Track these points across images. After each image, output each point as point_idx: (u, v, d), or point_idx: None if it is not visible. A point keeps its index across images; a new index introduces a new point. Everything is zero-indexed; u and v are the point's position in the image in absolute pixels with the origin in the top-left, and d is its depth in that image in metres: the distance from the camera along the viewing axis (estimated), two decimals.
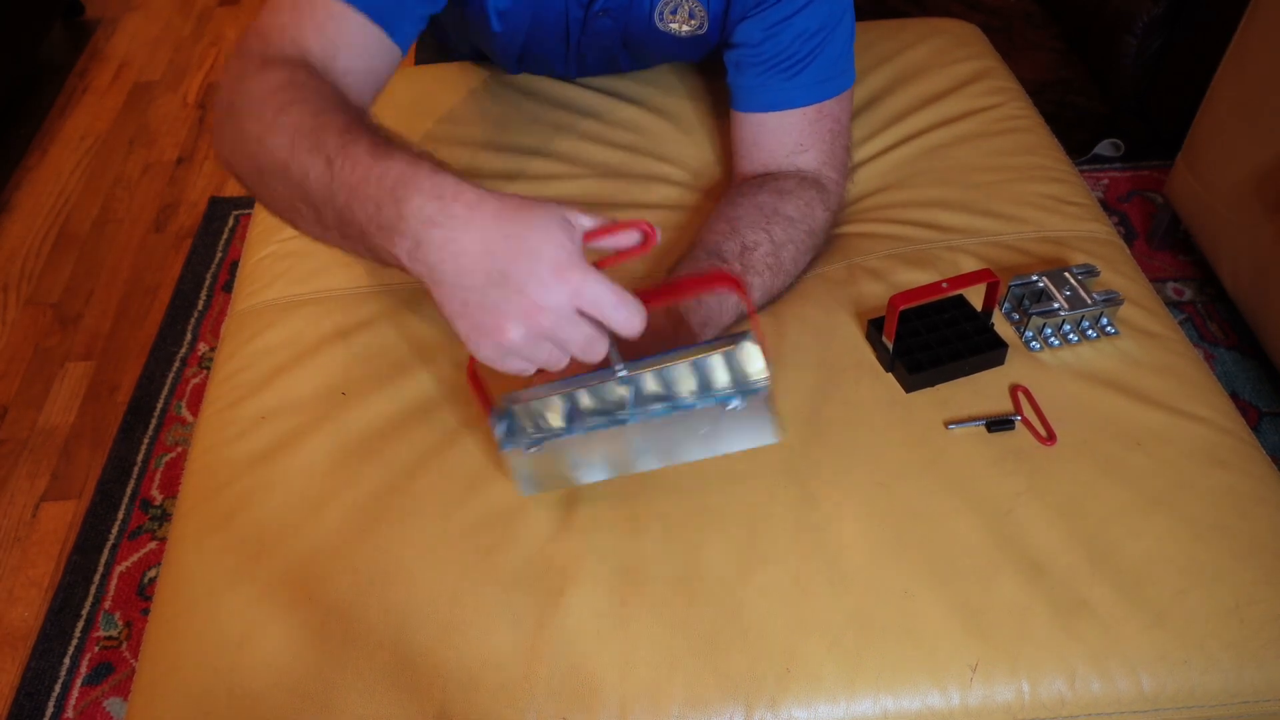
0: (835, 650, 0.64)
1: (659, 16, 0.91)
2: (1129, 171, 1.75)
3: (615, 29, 0.94)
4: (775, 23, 0.85)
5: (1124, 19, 1.63)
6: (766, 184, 0.87)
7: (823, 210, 0.87)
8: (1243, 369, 1.43)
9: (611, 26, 0.93)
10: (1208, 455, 0.73)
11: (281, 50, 0.71)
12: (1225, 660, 0.64)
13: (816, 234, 0.87)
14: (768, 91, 0.88)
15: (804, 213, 0.85)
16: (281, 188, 0.64)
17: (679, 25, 0.91)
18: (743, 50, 0.88)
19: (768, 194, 0.85)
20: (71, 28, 2.30)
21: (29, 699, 1.16)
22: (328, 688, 0.64)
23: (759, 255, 0.81)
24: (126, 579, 1.26)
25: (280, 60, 0.69)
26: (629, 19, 0.92)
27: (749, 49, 0.88)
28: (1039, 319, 0.80)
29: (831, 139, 0.89)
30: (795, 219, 0.84)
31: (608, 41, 0.97)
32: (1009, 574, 0.67)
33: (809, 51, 0.86)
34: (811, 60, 0.86)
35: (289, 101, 0.65)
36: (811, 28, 0.85)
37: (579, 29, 0.93)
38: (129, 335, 1.59)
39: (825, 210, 0.88)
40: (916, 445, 0.74)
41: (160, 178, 1.89)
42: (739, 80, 0.89)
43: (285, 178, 0.63)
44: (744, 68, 0.89)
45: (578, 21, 0.92)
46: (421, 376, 0.80)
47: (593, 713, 0.63)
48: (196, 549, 0.71)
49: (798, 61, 0.86)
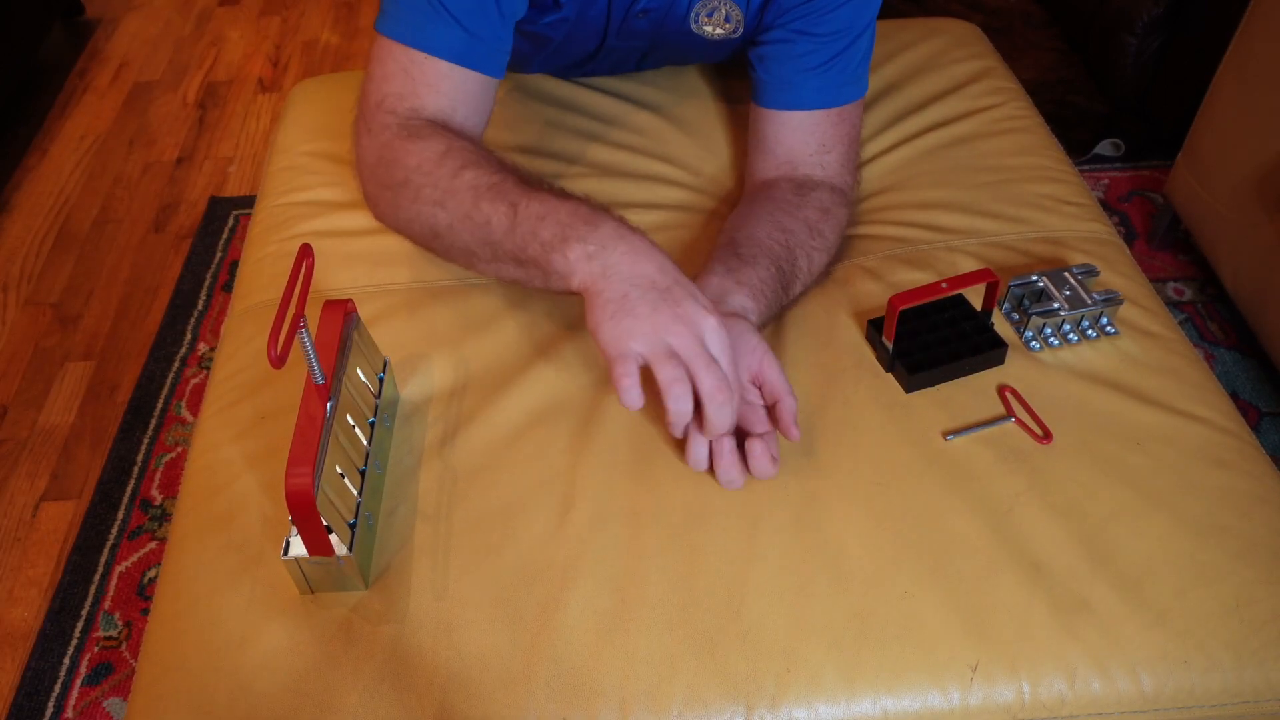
0: (835, 650, 0.64)
1: (694, 20, 0.91)
2: (1129, 171, 1.75)
3: (649, 30, 0.94)
4: (811, 17, 0.86)
5: (1124, 19, 1.63)
6: (809, 199, 0.87)
7: (845, 216, 0.89)
8: (1243, 369, 1.43)
9: (646, 28, 0.93)
10: (1208, 455, 0.73)
11: (409, 119, 0.80)
12: (1225, 660, 0.64)
13: (837, 240, 0.88)
14: (796, 89, 0.88)
15: (829, 223, 0.86)
16: (462, 237, 0.74)
17: (713, 28, 0.91)
18: (774, 46, 0.88)
19: (813, 210, 0.86)
20: (71, 28, 2.30)
21: (29, 699, 1.16)
22: (328, 688, 0.64)
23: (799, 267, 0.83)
24: (126, 579, 1.26)
25: (422, 129, 0.78)
26: (665, 20, 0.92)
27: (779, 45, 0.88)
28: (1039, 319, 0.80)
29: (849, 143, 0.90)
30: (823, 231, 0.86)
31: (638, 43, 0.97)
32: (1009, 574, 0.67)
33: (838, 51, 0.86)
34: (837, 61, 0.87)
35: (460, 166, 0.75)
36: (841, 29, 0.86)
37: (616, 30, 0.93)
38: (129, 335, 1.59)
39: (846, 215, 0.89)
40: (916, 445, 0.74)
41: (160, 178, 1.89)
42: (766, 75, 0.89)
43: (467, 227, 0.73)
44: (772, 63, 0.88)
45: (616, 22, 0.92)
46: (421, 375, 0.80)
47: (593, 713, 0.63)
48: (196, 549, 0.71)
49: (826, 60, 0.86)
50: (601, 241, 0.67)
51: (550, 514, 0.71)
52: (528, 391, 0.78)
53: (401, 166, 0.77)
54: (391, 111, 0.80)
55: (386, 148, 0.79)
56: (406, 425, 0.77)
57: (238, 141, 1.98)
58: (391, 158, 0.78)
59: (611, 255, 0.67)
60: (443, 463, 0.74)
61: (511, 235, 0.71)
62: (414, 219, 0.78)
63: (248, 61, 2.21)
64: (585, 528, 0.70)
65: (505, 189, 0.72)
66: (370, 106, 0.81)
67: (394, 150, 0.78)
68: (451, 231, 0.75)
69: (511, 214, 0.71)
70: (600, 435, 0.75)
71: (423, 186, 0.76)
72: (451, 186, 0.74)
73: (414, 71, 0.80)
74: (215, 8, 2.38)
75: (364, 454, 0.71)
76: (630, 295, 0.65)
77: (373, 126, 0.81)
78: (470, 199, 0.73)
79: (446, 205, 0.74)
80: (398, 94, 0.80)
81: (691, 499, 0.71)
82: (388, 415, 0.76)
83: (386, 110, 0.80)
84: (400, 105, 0.80)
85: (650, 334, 0.65)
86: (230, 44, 2.26)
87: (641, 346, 0.65)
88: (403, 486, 0.73)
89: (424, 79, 0.80)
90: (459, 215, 0.74)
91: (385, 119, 0.80)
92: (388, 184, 0.79)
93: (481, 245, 0.73)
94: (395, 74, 0.80)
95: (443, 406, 0.78)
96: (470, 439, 0.76)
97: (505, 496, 0.72)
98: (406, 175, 0.77)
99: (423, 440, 0.76)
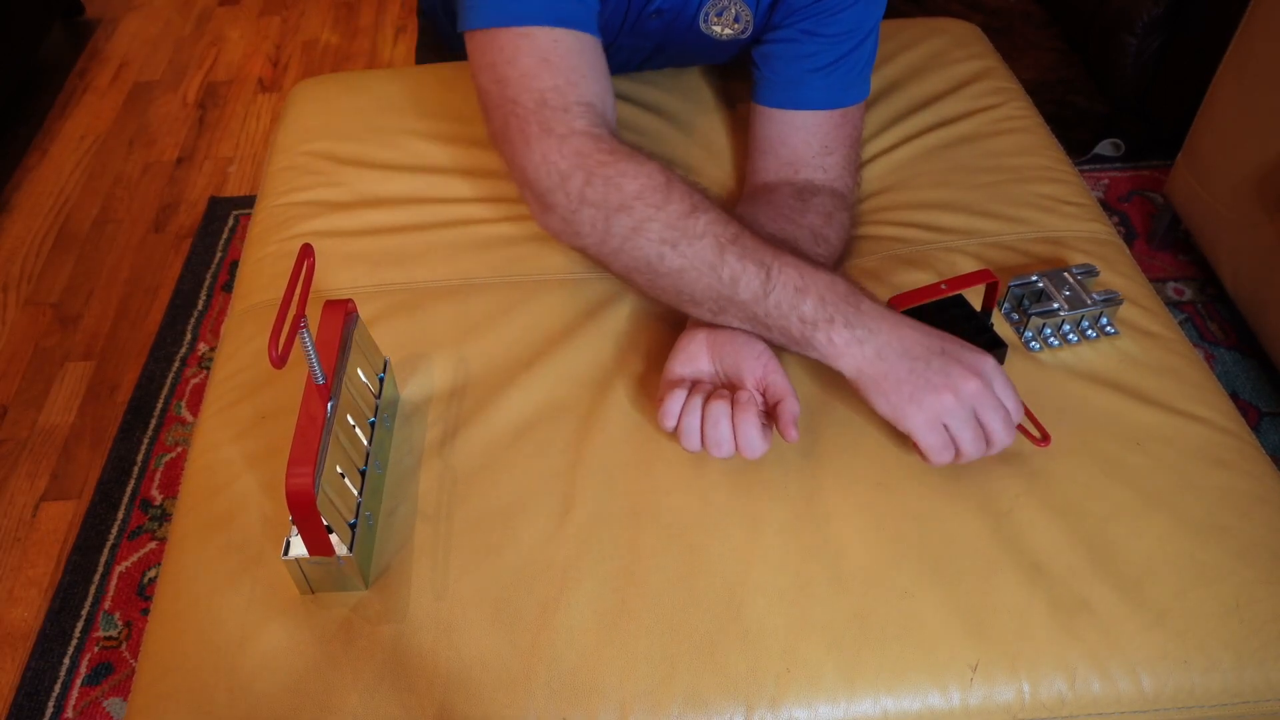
0: (835, 650, 0.64)
1: (703, 19, 0.91)
2: (1129, 171, 1.75)
3: (659, 30, 0.93)
4: (816, 20, 0.85)
5: (1124, 19, 1.63)
6: (811, 204, 0.86)
7: (847, 220, 0.89)
8: (1243, 369, 1.43)
9: (658, 27, 0.93)
10: (1208, 455, 0.73)
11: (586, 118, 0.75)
12: (1225, 660, 0.64)
13: (840, 246, 0.87)
14: (801, 88, 0.87)
15: (840, 237, 0.86)
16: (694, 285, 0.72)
17: (722, 28, 0.91)
18: (779, 45, 0.88)
19: (816, 216, 0.85)
20: (71, 28, 2.30)
21: (29, 699, 1.16)
22: (328, 688, 0.64)
23: None
24: (126, 579, 1.26)
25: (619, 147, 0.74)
26: (676, 20, 0.91)
27: (786, 45, 0.87)
28: (1039, 319, 0.80)
29: (851, 145, 0.90)
30: (834, 245, 0.85)
31: (646, 42, 0.96)
32: (1009, 574, 0.67)
33: (842, 54, 0.86)
34: (842, 63, 0.87)
35: (693, 208, 0.72)
36: (848, 30, 0.86)
37: (629, 28, 0.92)
38: (129, 335, 1.59)
39: (848, 220, 0.89)
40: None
41: (160, 178, 1.89)
42: (770, 74, 0.89)
43: (705, 278, 0.71)
44: (778, 61, 0.88)
45: (631, 21, 0.91)
46: (420, 375, 0.80)
47: (593, 713, 0.63)
48: (196, 549, 0.71)
49: (830, 62, 0.86)
50: (868, 325, 0.68)
51: (550, 514, 0.71)
52: (528, 391, 0.78)
53: (618, 189, 0.72)
54: (566, 110, 0.74)
55: (589, 159, 0.73)
56: (406, 425, 0.77)
57: (238, 141, 1.98)
58: (602, 175, 0.73)
59: (880, 337, 0.68)
60: (443, 463, 0.74)
61: (762, 301, 0.70)
62: (631, 250, 0.73)
63: (248, 61, 2.21)
64: (585, 528, 0.70)
65: (749, 246, 0.71)
66: (531, 109, 0.75)
67: (604, 166, 0.73)
68: (681, 276, 0.72)
69: (764, 278, 0.70)
70: (600, 435, 0.75)
71: (648, 220, 0.72)
72: (686, 229, 0.71)
73: (553, 57, 0.75)
74: (215, 8, 2.38)
75: (364, 454, 0.71)
76: (915, 370, 0.68)
77: (555, 129, 0.74)
78: (713, 250, 0.70)
79: (680, 248, 0.71)
80: (556, 87, 0.75)
81: (691, 499, 0.71)
82: (388, 415, 0.76)
83: (556, 109, 0.74)
84: (564, 100, 0.75)
85: (954, 408, 0.67)
86: (230, 44, 2.26)
87: (952, 420, 0.67)
88: (403, 486, 0.73)
89: (566, 61, 0.75)
90: (699, 263, 0.71)
91: (565, 119, 0.74)
92: (598, 204, 0.73)
93: (715, 299, 0.71)
94: (536, 67, 0.75)
95: (443, 406, 0.78)
96: (470, 439, 0.76)
97: (505, 496, 0.72)
98: (625, 201, 0.72)
99: (423, 440, 0.76)
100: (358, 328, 0.73)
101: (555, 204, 0.75)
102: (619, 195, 0.72)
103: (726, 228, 0.71)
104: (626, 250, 0.73)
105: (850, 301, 0.69)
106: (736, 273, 0.70)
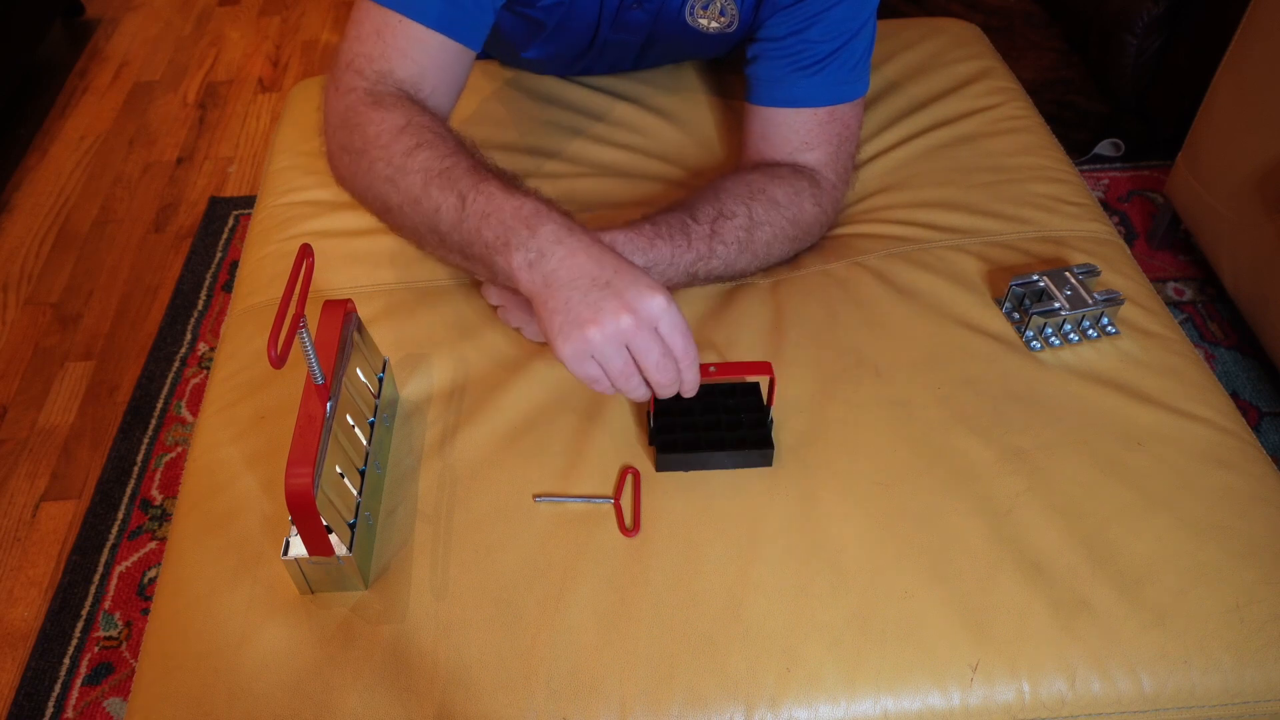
0: (835, 650, 0.64)
1: (689, 12, 0.91)
2: (1129, 171, 1.75)
3: (644, 23, 0.94)
4: (803, 18, 0.86)
5: (1124, 19, 1.63)
6: (761, 166, 0.87)
7: (812, 204, 0.87)
8: (1243, 369, 1.43)
9: (641, 21, 0.93)
10: (1208, 455, 0.73)
11: (377, 83, 0.79)
12: (1225, 660, 0.64)
13: (800, 225, 0.86)
14: (785, 87, 0.88)
15: (790, 199, 0.85)
16: (411, 219, 0.74)
17: (708, 21, 0.91)
18: (765, 44, 0.88)
19: (759, 174, 0.86)
20: (71, 28, 2.30)
21: (29, 699, 1.16)
22: (327, 688, 0.64)
23: (732, 226, 0.81)
24: (126, 579, 1.26)
25: (387, 98, 0.78)
26: (660, 12, 0.92)
27: (772, 43, 0.88)
28: (1040, 318, 0.80)
29: (838, 143, 0.90)
30: (780, 203, 0.84)
31: (633, 37, 0.97)
32: (1009, 574, 0.67)
33: (830, 52, 0.86)
34: (831, 61, 0.86)
35: (415, 145, 0.74)
36: (836, 28, 0.86)
37: (610, 23, 0.93)
38: (129, 335, 1.59)
39: (815, 205, 0.87)
40: (916, 445, 0.74)
41: (160, 178, 1.89)
42: (758, 72, 0.90)
43: (416, 211, 0.73)
44: (764, 60, 0.89)
45: (609, 15, 0.92)
46: (420, 374, 0.80)
47: (593, 713, 0.63)
48: (196, 549, 0.71)
49: (818, 60, 0.86)
50: (540, 248, 0.66)
51: (550, 514, 0.71)
52: (527, 391, 0.78)
53: (360, 134, 0.76)
54: (360, 73, 0.79)
55: (350, 111, 0.78)
56: (406, 425, 0.77)
57: (238, 141, 1.98)
58: (354, 122, 0.77)
59: (549, 262, 0.66)
60: (443, 463, 0.74)
61: (458, 229, 0.70)
62: (367, 190, 0.78)
63: (248, 61, 2.21)
64: (585, 527, 0.70)
65: (455, 176, 0.71)
66: (341, 66, 0.80)
67: (357, 115, 0.77)
68: (401, 212, 0.75)
69: (459, 207, 0.70)
70: (600, 434, 0.75)
71: (377, 160, 0.75)
72: (404, 165, 0.73)
73: (387, 34, 0.79)
74: (215, 8, 2.38)
75: (364, 454, 0.71)
76: (572, 301, 0.65)
77: (340, 86, 0.80)
78: (420, 183, 0.72)
79: (398, 184, 0.74)
80: (368, 55, 0.79)
81: (692, 499, 0.71)
82: (387, 415, 0.76)
83: (355, 71, 0.79)
84: (369, 67, 0.79)
85: (601, 343, 0.64)
86: (230, 44, 2.26)
87: (594, 368, 0.65)
88: (403, 486, 0.73)
89: (396, 42, 0.79)
90: (409, 198, 0.73)
91: (353, 80, 0.79)
92: (347, 148, 0.78)
93: (429, 232, 0.73)
94: (369, 35, 0.79)
95: (442, 406, 0.78)
96: (470, 439, 0.76)
97: (505, 496, 0.72)
98: (364, 144, 0.76)
99: (423, 440, 0.76)
100: (358, 328, 0.73)
101: (329, 153, 0.83)
102: (360, 139, 0.76)
103: (441, 161, 0.72)
104: (368, 191, 0.77)
105: (530, 225, 0.67)
106: (438, 203, 0.71)
